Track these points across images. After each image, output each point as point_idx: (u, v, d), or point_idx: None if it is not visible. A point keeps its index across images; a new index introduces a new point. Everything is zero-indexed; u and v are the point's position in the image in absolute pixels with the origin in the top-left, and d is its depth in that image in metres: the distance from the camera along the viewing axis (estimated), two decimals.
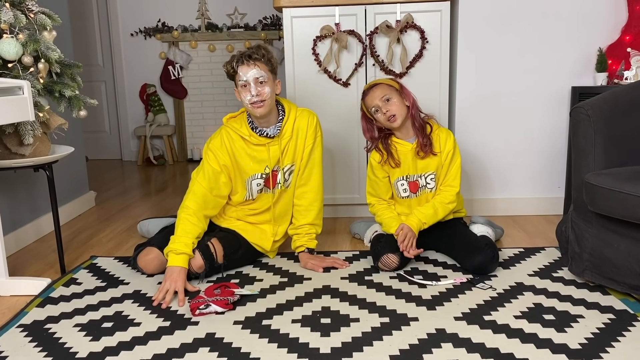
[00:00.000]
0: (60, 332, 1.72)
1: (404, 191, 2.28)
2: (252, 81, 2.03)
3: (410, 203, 2.30)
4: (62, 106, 2.18)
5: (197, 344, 1.62)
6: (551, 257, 2.25)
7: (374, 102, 2.18)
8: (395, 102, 2.16)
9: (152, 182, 4.20)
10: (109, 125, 5.19)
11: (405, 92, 2.21)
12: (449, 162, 2.23)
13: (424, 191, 2.27)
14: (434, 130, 2.24)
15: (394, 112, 2.16)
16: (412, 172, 2.25)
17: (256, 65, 2.03)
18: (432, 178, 2.25)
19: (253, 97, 2.04)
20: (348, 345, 1.58)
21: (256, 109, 2.06)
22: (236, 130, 2.15)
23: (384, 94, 2.16)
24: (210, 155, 2.15)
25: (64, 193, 3.04)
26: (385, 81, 2.21)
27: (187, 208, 2.10)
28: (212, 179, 2.14)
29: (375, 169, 2.30)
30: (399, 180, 2.27)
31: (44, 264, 2.39)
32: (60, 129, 2.24)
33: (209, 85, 4.98)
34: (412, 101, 2.21)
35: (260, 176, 2.19)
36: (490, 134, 2.82)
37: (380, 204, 2.32)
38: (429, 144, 2.21)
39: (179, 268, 1.97)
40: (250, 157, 2.17)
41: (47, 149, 2.19)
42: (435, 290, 1.96)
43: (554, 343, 1.56)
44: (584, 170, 1.90)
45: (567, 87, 2.75)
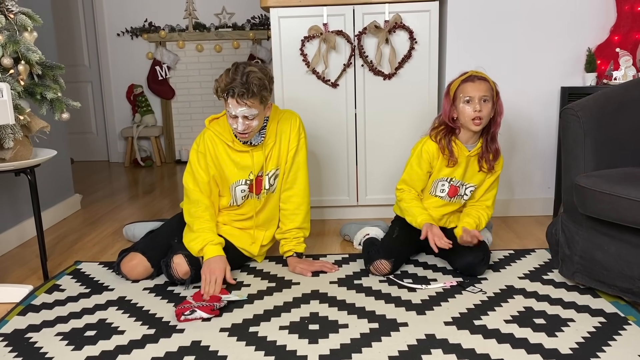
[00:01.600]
0: (42, 341, 1.67)
1: (442, 192, 2.21)
2: (240, 117, 1.97)
3: (438, 203, 2.23)
4: (44, 109, 2.13)
5: (182, 352, 1.58)
6: (541, 259, 2.23)
7: (473, 93, 2.05)
8: (489, 106, 2.07)
9: (140, 184, 4.14)
10: (96, 126, 5.12)
11: (499, 103, 2.13)
12: (491, 181, 2.21)
13: (459, 200, 2.23)
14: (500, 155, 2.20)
15: (484, 116, 2.06)
16: (459, 178, 2.19)
17: (246, 104, 1.94)
18: (471, 190, 2.21)
19: (238, 130, 2.00)
20: (336, 353, 1.55)
21: (240, 138, 2.05)
22: (219, 134, 2.11)
23: (487, 94, 2.06)
24: (202, 163, 2.11)
25: (48, 196, 2.98)
26: (490, 80, 2.10)
27: (202, 217, 2.09)
28: (207, 189, 2.13)
29: (423, 161, 2.18)
30: (442, 180, 2.20)
31: (26, 269, 2.34)
32: (42, 132, 2.19)
33: (197, 85, 4.93)
34: (501, 113, 2.13)
35: (244, 182, 2.15)
36: None
37: (410, 192, 2.23)
38: (495, 160, 2.16)
39: (218, 259, 1.98)
40: (234, 162, 2.13)
41: (28, 153, 2.14)
42: (425, 294, 1.93)
43: (545, 348, 1.54)
44: (574, 172, 1.88)
45: (557, 88, 2.74)
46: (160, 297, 1.98)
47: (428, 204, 2.24)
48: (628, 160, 1.92)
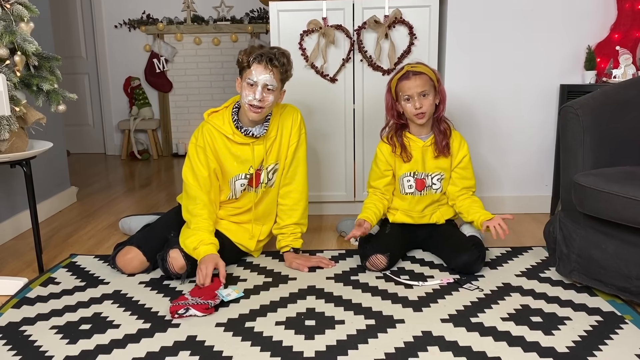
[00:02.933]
0: (36, 334, 1.66)
1: (409, 187, 2.23)
2: (261, 85, 1.95)
3: (413, 200, 2.24)
4: (40, 100, 2.12)
5: (178, 347, 1.57)
6: (538, 257, 2.23)
7: (410, 91, 2.07)
8: (430, 99, 2.08)
9: (136, 177, 4.13)
10: (92, 118, 5.09)
11: (441, 90, 2.14)
12: (464, 166, 2.22)
13: (429, 191, 2.23)
14: (451, 130, 2.21)
15: (425, 110, 2.08)
16: (421, 170, 2.21)
17: (272, 71, 1.96)
18: (438, 179, 2.22)
19: (255, 99, 1.97)
20: (333, 349, 1.55)
21: (252, 112, 2.00)
22: (218, 127, 2.09)
23: (424, 89, 2.07)
24: (202, 158, 2.07)
25: (44, 189, 2.96)
26: (429, 72, 2.10)
27: (200, 214, 2.05)
28: (207, 184, 2.09)
29: (380, 161, 2.24)
30: (406, 176, 2.22)
31: (21, 262, 2.32)
32: (38, 124, 2.17)
33: (195, 78, 4.91)
34: (444, 100, 2.15)
35: (244, 176, 2.14)
36: (478, 131, 2.79)
37: (374, 195, 2.27)
38: (447, 146, 2.17)
39: (211, 255, 1.94)
40: (234, 156, 2.11)
41: (24, 145, 2.12)
42: (421, 290, 1.93)
43: (542, 346, 1.53)
44: (573, 170, 1.87)
45: (556, 85, 2.73)
46: (156, 291, 1.97)
47: (402, 205, 2.26)
48: (627, 158, 1.91)
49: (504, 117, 2.79)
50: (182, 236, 2.05)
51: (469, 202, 2.21)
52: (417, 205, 2.24)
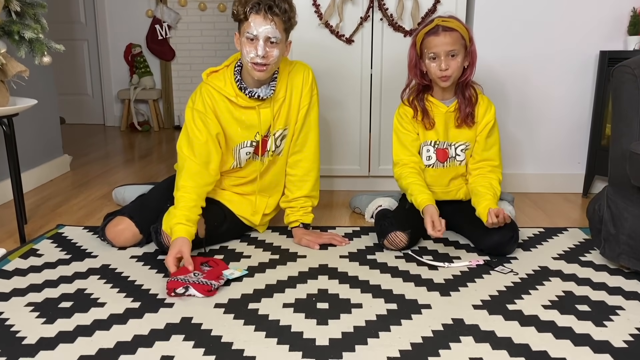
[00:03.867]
0: (9, 312, 1.45)
1: (428, 159, 1.98)
2: (263, 39, 1.70)
3: (435, 173, 1.99)
4: (23, 51, 1.89)
5: (170, 330, 1.36)
6: (576, 238, 2.00)
7: (437, 49, 1.81)
8: (458, 60, 1.83)
9: (136, 149, 3.90)
10: (91, 87, 4.85)
11: (472, 51, 1.87)
12: (486, 134, 1.94)
13: (453, 163, 1.98)
14: (478, 95, 1.95)
15: (451, 73, 1.83)
16: (443, 139, 1.96)
17: (273, 21, 1.69)
18: (462, 149, 1.96)
19: (257, 56, 1.71)
20: (349, 337, 1.33)
21: (256, 71, 1.75)
22: (219, 89, 1.84)
23: (453, 47, 1.80)
24: (199, 123, 1.83)
25: (33, 155, 2.74)
26: (462, 28, 1.83)
27: (183, 187, 1.78)
28: (204, 152, 1.82)
29: (405, 122, 1.97)
30: (425, 145, 1.98)
31: (2, 232, 2.11)
32: (20, 77, 1.94)
33: (199, 47, 4.65)
34: (474, 62, 1.88)
35: (250, 144, 1.91)
36: (505, 103, 2.54)
37: (409, 167, 1.95)
38: (470, 115, 1.92)
39: (181, 239, 1.67)
40: (238, 121, 1.87)
41: (4, 100, 1.90)
42: (447, 272, 1.71)
43: (594, 340, 1.31)
44: (626, 140, 1.63)
45: (594, 52, 2.48)
46: (148, 267, 1.75)
47: (427, 177, 1.99)
48: None
49: (534, 87, 2.54)
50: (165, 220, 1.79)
51: (481, 182, 1.93)
52: (440, 179, 2.00)
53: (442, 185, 2.00)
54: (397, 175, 1.99)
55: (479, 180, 1.95)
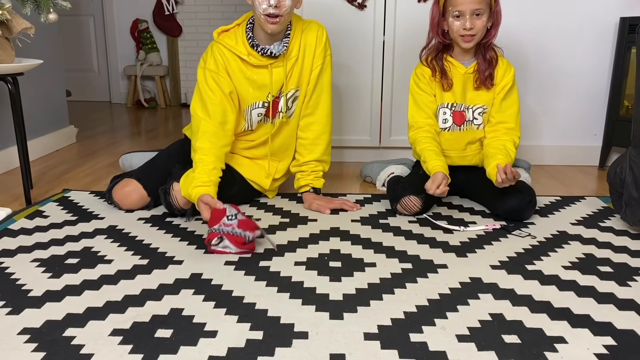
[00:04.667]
0: (14, 267, 1.42)
1: (444, 122, 1.91)
2: None
3: (451, 137, 1.93)
4: (28, 8, 1.84)
5: (179, 285, 1.32)
6: (594, 206, 1.95)
7: (462, 6, 1.74)
8: (483, 20, 1.76)
9: (142, 125, 3.86)
10: (97, 64, 4.80)
11: (497, 11, 1.79)
12: (502, 97, 1.87)
13: (470, 126, 1.91)
14: (498, 57, 1.88)
15: (475, 32, 1.77)
16: (460, 101, 1.90)
17: None
18: (480, 113, 1.90)
19: (270, 7, 1.64)
20: (364, 292, 1.29)
21: (269, 23, 1.69)
22: (231, 47, 1.78)
23: (479, 6, 1.74)
24: (211, 82, 1.77)
25: (40, 124, 2.71)
26: None
27: (201, 149, 1.72)
28: (218, 112, 1.76)
29: (422, 83, 1.91)
30: (442, 107, 1.91)
31: (8, 196, 2.08)
32: (25, 34, 1.89)
33: (206, 23, 4.58)
34: (497, 24, 1.81)
35: (261, 104, 1.86)
36: (521, 71, 2.47)
37: (425, 130, 1.89)
38: (490, 77, 1.86)
39: (203, 195, 1.59)
40: (250, 81, 1.82)
41: (9, 57, 1.85)
42: (464, 236, 1.66)
43: (618, 298, 1.27)
44: None
45: (614, 19, 2.40)
46: (156, 227, 1.72)
47: (442, 142, 1.93)
48: None
49: (551, 56, 2.47)
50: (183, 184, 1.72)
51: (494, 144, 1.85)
52: (456, 143, 1.94)
53: (458, 149, 1.95)
54: (412, 140, 1.93)
55: (492, 142, 1.88)
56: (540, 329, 1.13)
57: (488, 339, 1.09)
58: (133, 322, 1.15)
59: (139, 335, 1.10)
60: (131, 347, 1.05)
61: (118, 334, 1.10)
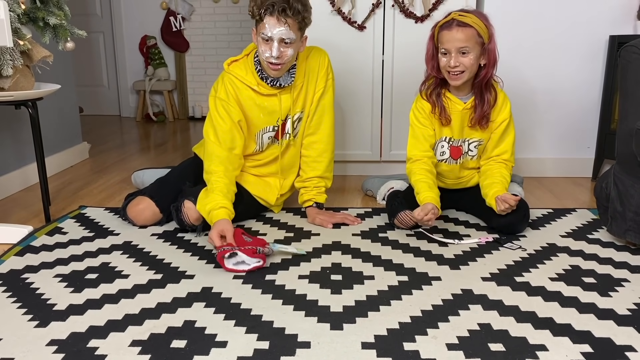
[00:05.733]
0: (39, 282, 1.53)
1: (442, 154, 1.99)
2: (277, 40, 1.74)
3: (447, 168, 2.01)
4: (47, 37, 1.96)
5: (192, 298, 1.43)
6: (584, 218, 2.04)
7: (448, 44, 1.78)
8: (470, 58, 1.78)
9: (152, 138, 3.98)
10: (107, 79, 4.94)
11: (490, 49, 1.80)
12: (500, 132, 1.93)
13: (466, 158, 1.99)
14: (498, 96, 1.90)
15: (463, 70, 1.80)
16: (457, 137, 1.95)
17: (287, 23, 1.73)
18: (475, 145, 1.97)
19: (272, 57, 1.77)
20: (363, 304, 1.39)
21: (272, 69, 1.81)
22: (241, 78, 1.89)
23: (465, 44, 1.76)
24: (221, 111, 1.88)
25: (54, 142, 2.83)
26: (479, 25, 1.77)
27: (215, 172, 1.84)
28: (228, 139, 1.87)
29: (421, 117, 1.96)
30: (440, 142, 1.98)
31: (28, 212, 2.20)
32: (44, 62, 2.02)
33: (212, 38, 4.72)
34: (491, 62, 1.81)
35: (272, 129, 1.97)
36: (515, 86, 2.57)
37: (422, 162, 1.94)
38: (486, 118, 1.89)
39: (222, 221, 1.70)
40: (260, 108, 1.92)
41: (29, 84, 1.98)
42: (457, 249, 1.76)
43: (599, 308, 1.36)
44: (633, 118, 1.67)
45: (604, 37, 2.50)
46: (169, 243, 1.83)
47: (440, 171, 2.02)
48: None
49: (544, 72, 2.57)
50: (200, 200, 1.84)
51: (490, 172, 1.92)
52: (452, 173, 2.03)
53: (453, 178, 2.05)
54: (408, 172, 1.99)
55: (488, 170, 1.95)
56: (524, 337, 1.23)
57: (475, 348, 1.19)
58: (150, 333, 1.25)
59: (155, 345, 1.21)
60: (149, 356, 1.16)
61: (137, 344, 1.21)
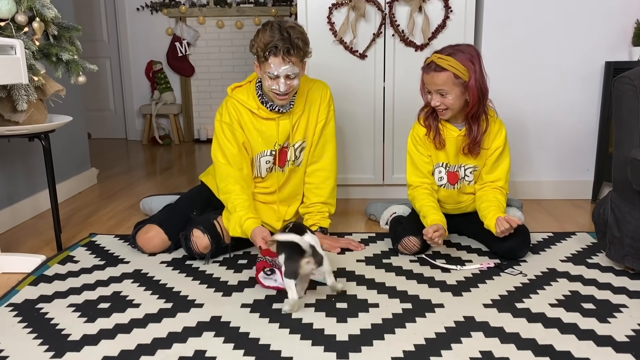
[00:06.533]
0: (53, 312, 1.58)
1: (440, 179, 2.05)
2: (283, 77, 1.84)
3: (446, 193, 2.06)
4: (60, 71, 2.03)
5: (201, 327, 1.47)
6: (584, 242, 2.08)
7: (428, 85, 1.91)
8: (450, 98, 1.87)
9: (158, 162, 4.05)
10: (114, 103, 5.03)
11: (471, 86, 1.85)
12: (493, 160, 2.00)
13: (463, 183, 2.05)
14: (489, 126, 1.97)
15: (447, 107, 1.90)
16: (453, 163, 2.02)
17: (291, 62, 1.82)
18: (471, 171, 2.03)
19: (279, 90, 1.86)
20: (367, 333, 1.43)
21: (278, 99, 1.90)
22: (243, 102, 1.98)
23: (443, 87, 1.86)
24: (228, 134, 1.97)
25: (64, 169, 2.89)
26: (456, 67, 1.83)
27: (233, 191, 1.93)
28: (237, 160, 1.97)
29: (418, 144, 2.05)
30: (437, 167, 2.05)
31: (40, 240, 2.25)
32: (57, 96, 2.09)
33: (217, 63, 4.81)
34: (474, 101, 1.87)
35: (269, 153, 2.03)
36: (515, 112, 2.64)
37: (422, 188, 2.03)
38: (477, 145, 1.97)
39: (258, 229, 1.83)
40: (259, 132, 2.00)
41: (43, 117, 2.04)
42: (460, 275, 1.80)
43: (598, 335, 1.40)
44: (628, 147, 1.72)
45: (600, 63, 2.57)
46: (178, 271, 1.88)
47: (440, 197, 2.07)
48: None
49: (542, 97, 2.63)
50: (225, 220, 1.96)
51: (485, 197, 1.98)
52: (451, 198, 2.08)
53: (453, 203, 2.10)
54: (411, 198, 2.08)
55: (484, 196, 2.00)
56: None
57: None
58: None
59: None
60: None
61: None
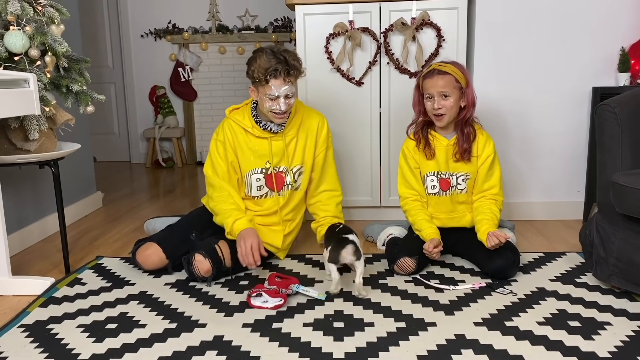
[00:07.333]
0: (63, 332, 1.65)
1: (432, 188, 2.17)
2: (283, 97, 1.98)
3: (439, 201, 2.18)
4: (69, 101, 2.13)
5: (205, 347, 1.54)
6: (573, 262, 2.16)
7: (431, 90, 2.05)
8: (451, 101, 2.04)
9: (161, 184, 4.14)
10: (118, 127, 5.15)
11: (467, 92, 2.07)
12: (486, 168, 2.13)
13: (455, 191, 2.16)
14: (476, 135, 2.13)
15: (445, 112, 2.05)
16: (444, 170, 2.15)
17: (290, 82, 1.98)
18: (463, 179, 2.15)
19: (280, 110, 2.00)
20: (363, 351, 1.50)
21: (278, 118, 2.04)
22: (238, 122, 2.12)
23: (446, 89, 2.03)
24: (221, 151, 2.12)
25: (71, 193, 2.98)
26: (456, 72, 2.04)
27: (225, 201, 2.09)
28: (225, 175, 2.13)
29: (408, 158, 2.19)
30: (429, 175, 2.17)
31: (48, 263, 2.33)
32: (66, 125, 2.19)
33: (219, 87, 4.94)
34: (470, 104, 2.07)
35: (260, 171, 2.14)
36: (507, 135, 2.73)
37: (413, 202, 2.18)
38: (467, 151, 2.11)
39: (246, 230, 1.97)
40: (252, 150, 2.13)
41: (53, 145, 2.14)
42: (452, 294, 1.88)
43: (582, 351, 1.47)
44: (610, 171, 1.81)
45: (588, 88, 2.67)
46: (182, 292, 1.95)
47: (432, 206, 2.19)
48: None
49: (534, 121, 2.73)
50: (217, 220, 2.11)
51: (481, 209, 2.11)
52: (444, 206, 2.18)
53: (446, 211, 2.19)
54: (404, 209, 2.23)
55: (480, 207, 2.13)
56: None
57: None
58: None
59: None
60: None
61: None
